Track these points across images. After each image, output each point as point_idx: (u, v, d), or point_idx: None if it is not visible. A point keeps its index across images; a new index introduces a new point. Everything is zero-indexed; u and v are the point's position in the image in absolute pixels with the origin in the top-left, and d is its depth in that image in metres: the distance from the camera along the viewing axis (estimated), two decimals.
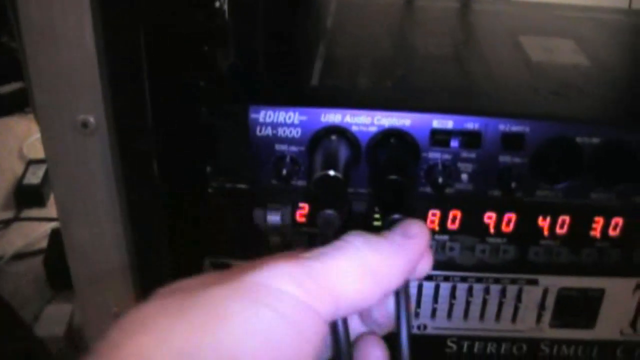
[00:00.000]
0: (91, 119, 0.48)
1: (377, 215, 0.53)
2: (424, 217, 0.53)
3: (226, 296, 0.28)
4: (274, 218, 0.53)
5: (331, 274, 0.31)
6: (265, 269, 0.29)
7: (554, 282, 0.57)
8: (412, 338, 0.57)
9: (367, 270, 0.32)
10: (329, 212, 0.42)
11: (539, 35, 0.68)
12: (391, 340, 0.36)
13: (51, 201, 1.30)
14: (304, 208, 0.53)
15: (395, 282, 0.33)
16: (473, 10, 0.79)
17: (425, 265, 0.36)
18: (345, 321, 0.33)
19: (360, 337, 0.36)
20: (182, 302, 0.28)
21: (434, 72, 0.57)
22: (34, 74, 0.45)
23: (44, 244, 1.20)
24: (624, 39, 0.73)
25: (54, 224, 1.23)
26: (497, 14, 0.76)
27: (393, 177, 0.45)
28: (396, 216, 0.42)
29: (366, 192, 0.51)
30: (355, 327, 0.36)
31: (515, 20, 0.74)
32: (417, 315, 0.58)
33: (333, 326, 0.33)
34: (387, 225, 0.42)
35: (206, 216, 0.54)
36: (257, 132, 0.49)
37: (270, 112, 0.49)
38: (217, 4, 0.70)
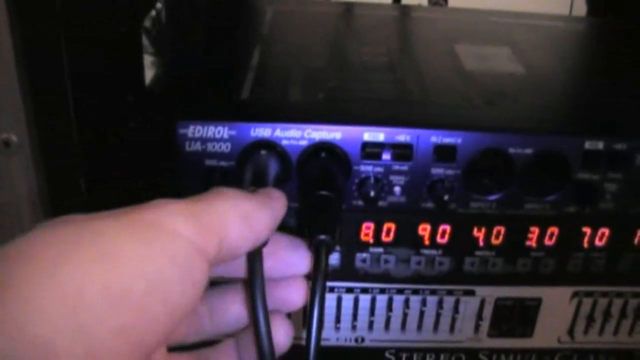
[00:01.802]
0: (14, 138, 0.46)
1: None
2: (357, 230, 0.52)
3: (118, 233, 0.28)
4: None
5: (215, 216, 0.32)
6: (158, 208, 0.30)
7: (491, 292, 0.56)
8: (350, 351, 0.57)
9: (243, 215, 0.34)
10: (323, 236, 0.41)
11: (475, 43, 0.68)
12: None
13: None
14: None
15: (265, 232, 0.36)
16: (411, 18, 0.79)
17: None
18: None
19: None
20: (74, 234, 0.28)
21: (367, 82, 0.56)
22: None
23: None
24: (562, 46, 0.73)
25: None
26: (435, 22, 0.76)
27: (322, 192, 0.44)
28: (322, 237, 0.41)
29: (297, 206, 0.51)
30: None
31: (452, 28, 0.74)
32: (354, 328, 0.57)
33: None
34: (314, 245, 0.41)
35: None
36: (186, 148, 0.48)
37: (199, 127, 0.47)
38: (154, 12, 0.69)
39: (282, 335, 0.40)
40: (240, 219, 0.34)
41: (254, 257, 0.40)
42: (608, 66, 0.67)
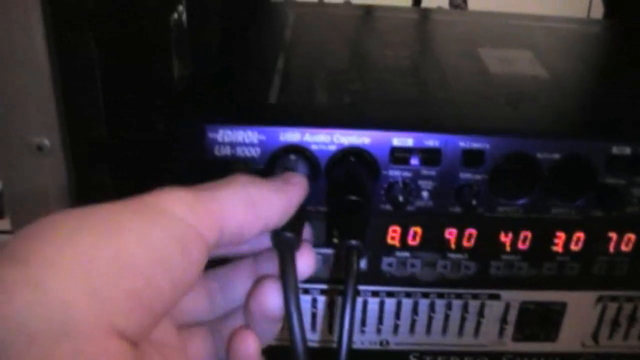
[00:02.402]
0: (46, 142, 0.47)
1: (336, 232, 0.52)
2: (384, 234, 0.53)
3: (122, 212, 0.31)
4: None
5: (218, 201, 0.34)
6: (163, 194, 0.32)
7: (516, 297, 0.57)
8: (375, 354, 0.57)
9: (249, 202, 0.36)
10: (287, 234, 0.41)
11: (497, 46, 0.68)
12: None
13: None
14: None
15: (274, 218, 0.38)
16: (432, 21, 0.79)
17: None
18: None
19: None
20: (82, 214, 0.30)
21: (393, 86, 0.56)
22: None
23: None
24: (582, 49, 0.73)
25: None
26: (455, 25, 0.76)
27: (352, 197, 0.45)
28: (354, 242, 0.42)
29: (325, 210, 0.51)
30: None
31: (473, 31, 0.74)
32: (379, 331, 0.57)
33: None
34: (344, 251, 0.42)
35: None
36: (215, 152, 0.48)
37: (228, 132, 0.48)
38: (176, 15, 0.69)
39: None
40: (245, 205, 0.35)
41: (286, 260, 0.40)
42: (631, 69, 0.67)
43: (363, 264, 0.54)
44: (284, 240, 0.41)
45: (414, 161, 0.49)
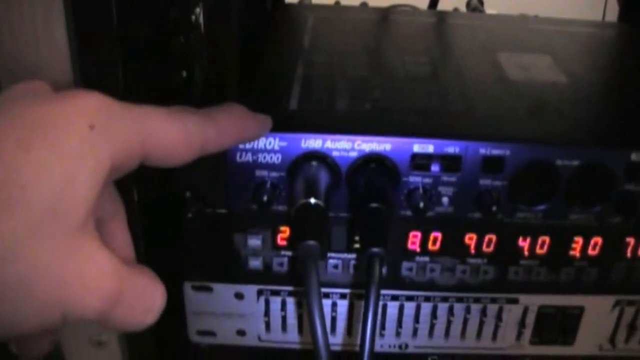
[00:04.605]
0: None
1: (357, 238, 0.53)
2: (404, 239, 0.53)
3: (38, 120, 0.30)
4: (254, 242, 0.53)
5: (141, 112, 0.34)
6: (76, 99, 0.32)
7: (534, 301, 0.57)
8: (394, 357, 0.58)
9: (178, 117, 0.36)
10: (311, 242, 0.42)
11: (516, 51, 0.68)
12: None
13: None
14: (284, 231, 0.53)
15: (202, 137, 0.37)
16: (449, 25, 0.79)
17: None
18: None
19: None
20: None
21: (412, 92, 0.57)
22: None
23: None
24: (600, 53, 0.73)
25: None
26: (473, 29, 0.76)
27: (374, 205, 0.45)
28: (376, 250, 0.42)
29: (346, 216, 0.51)
30: None
31: (492, 35, 0.74)
32: (398, 334, 0.58)
33: None
34: (366, 258, 0.42)
35: (186, 241, 0.54)
36: (237, 158, 0.49)
37: None
38: (193, 18, 0.70)
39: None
40: (174, 120, 0.35)
41: (309, 269, 0.41)
42: None
43: (383, 268, 0.54)
44: (307, 249, 0.42)
45: (435, 168, 0.49)
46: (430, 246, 0.53)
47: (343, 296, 0.56)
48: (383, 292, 0.56)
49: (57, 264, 0.30)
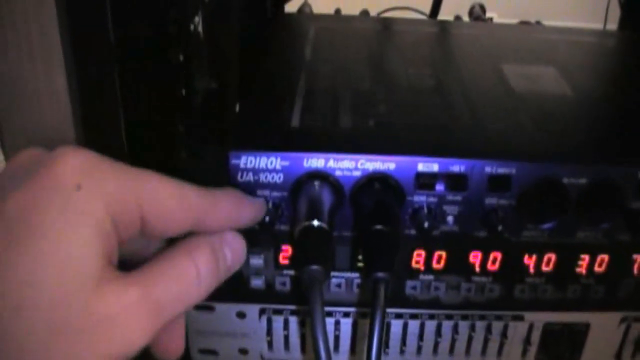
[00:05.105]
0: None
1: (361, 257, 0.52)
2: (408, 257, 0.52)
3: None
4: (256, 262, 0.52)
5: (135, 171, 0.34)
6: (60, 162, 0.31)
7: (540, 318, 0.56)
8: None
9: (173, 180, 0.36)
10: (314, 267, 0.41)
11: (521, 62, 0.67)
12: None
13: None
14: (286, 250, 0.52)
15: (198, 205, 0.37)
16: (453, 35, 0.78)
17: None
18: None
19: None
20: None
21: (417, 107, 0.56)
22: (7, 135, 0.44)
23: None
24: (605, 64, 0.73)
25: None
26: (476, 39, 0.76)
27: (379, 226, 0.44)
28: (381, 274, 0.41)
29: (350, 235, 0.51)
30: None
31: (495, 46, 0.74)
32: (402, 352, 0.57)
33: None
34: (371, 282, 0.42)
35: None
36: (239, 178, 0.48)
37: (251, 158, 0.47)
38: (192, 27, 0.69)
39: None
40: (178, 195, 0.35)
41: (314, 294, 0.40)
42: None
43: None
44: (311, 274, 0.41)
45: (440, 187, 0.48)
46: (434, 264, 0.53)
47: (346, 315, 0.55)
48: (387, 310, 0.55)
49: (84, 323, 0.30)
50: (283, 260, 0.52)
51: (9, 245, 0.29)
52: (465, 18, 0.98)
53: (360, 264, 0.52)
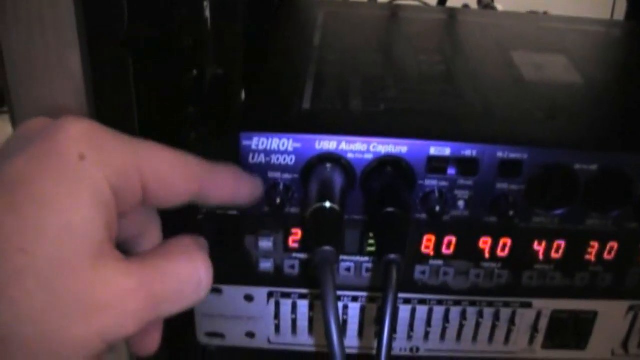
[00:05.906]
0: None
1: (371, 241, 0.52)
2: (418, 242, 0.52)
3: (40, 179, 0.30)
4: (266, 244, 0.52)
5: (136, 140, 0.34)
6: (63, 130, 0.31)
7: (548, 305, 0.56)
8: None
9: (174, 150, 0.36)
10: (326, 248, 0.41)
11: (531, 50, 0.67)
12: None
13: None
14: (296, 234, 0.52)
15: (200, 174, 0.37)
16: (462, 23, 0.78)
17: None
18: None
19: None
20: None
21: (429, 94, 0.56)
22: (17, 108, 0.44)
23: None
24: (616, 53, 0.72)
25: None
26: (485, 27, 0.75)
27: (391, 209, 0.44)
28: (393, 256, 0.41)
29: (360, 218, 0.50)
30: None
31: (505, 33, 0.73)
32: (410, 337, 0.57)
33: None
34: (383, 265, 0.41)
35: None
36: (250, 160, 0.48)
37: (263, 139, 0.47)
38: (200, 14, 0.69)
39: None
40: (178, 160, 0.36)
41: (326, 276, 0.40)
42: None
43: None
44: (323, 255, 0.41)
45: (451, 171, 0.48)
46: (444, 250, 0.53)
47: (355, 299, 0.55)
48: None
49: (80, 297, 0.30)
50: (292, 243, 0.52)
51: (8, 210, 0.29)
52: (474, 7, 0.98)
53: (369, 249, 0.52)
